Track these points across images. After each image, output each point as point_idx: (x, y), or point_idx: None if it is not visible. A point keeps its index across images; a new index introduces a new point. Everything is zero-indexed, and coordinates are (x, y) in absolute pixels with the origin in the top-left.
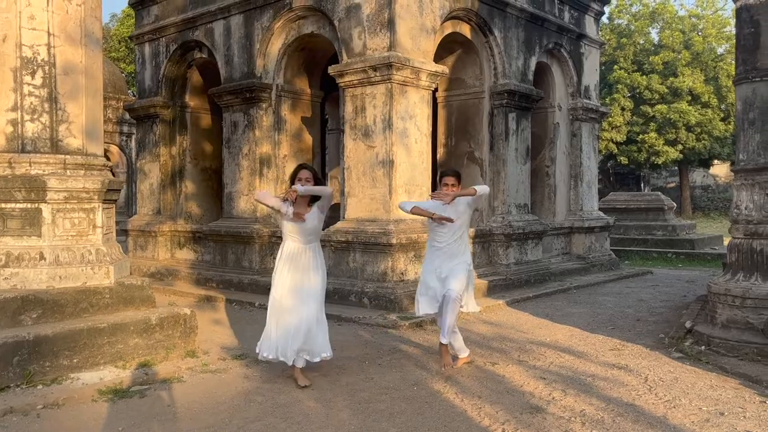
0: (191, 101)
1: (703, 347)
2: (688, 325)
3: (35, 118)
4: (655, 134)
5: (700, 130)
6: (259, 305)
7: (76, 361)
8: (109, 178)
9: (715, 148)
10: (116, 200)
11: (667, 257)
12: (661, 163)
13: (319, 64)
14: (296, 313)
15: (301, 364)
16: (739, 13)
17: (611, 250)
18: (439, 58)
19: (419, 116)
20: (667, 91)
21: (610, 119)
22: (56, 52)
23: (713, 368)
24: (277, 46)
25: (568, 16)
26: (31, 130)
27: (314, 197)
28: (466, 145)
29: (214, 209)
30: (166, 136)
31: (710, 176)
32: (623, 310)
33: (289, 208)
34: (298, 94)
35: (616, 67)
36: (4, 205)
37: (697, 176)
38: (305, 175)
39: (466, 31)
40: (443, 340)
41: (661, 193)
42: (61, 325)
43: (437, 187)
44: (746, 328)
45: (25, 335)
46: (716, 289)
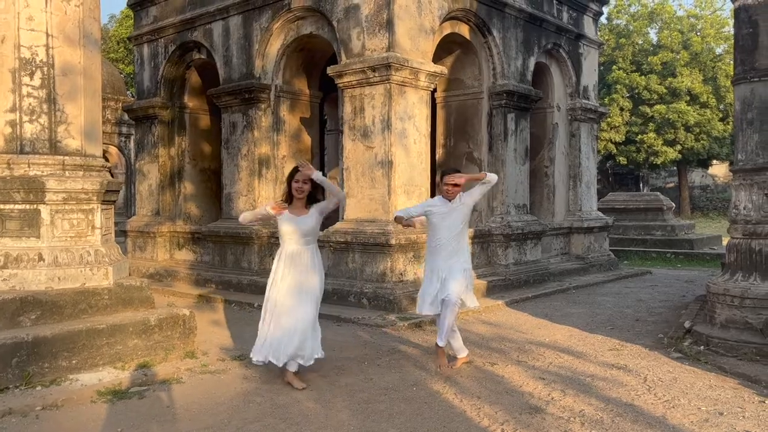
0: (190, 102)
1: (702, 347)
2: (687, 325)
3: (34, 119)
4: (653, 134)
5: (698, 130)
6: (258, 306)
7: (75, 362)
8: (107, 179)
9: (713, 148)
10: (115, 201)
11: (666, 257)
12: (659, 163)
13: (317, 64)
14: (293, 314)
15: (294, 368)
16: (737, 13)
17: (610, 250)
18: (437, 58)
19: (418, 117)
20: (665, 91)
21: (608, 119)
22: (55, 53)
23: (712, 368)
24: (275, 46)
25: (566, 16)
26: (29, 131)
27: (312, 199)
28: (465, 145)
29: (213, 210)
30: (164, 137)
31: (709, 176)
32: (622, 310)
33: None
34: (296, 94)
35: (614, 67)
36: (2, 206)
37: (695, 176)
38: (302, 176)
39: (464, 31)
40: (440, 342)
41: (659, 193)
42: (60, 326)
43: (436, 187)
44: (745, 328)
45: (23, 336)
46: (715, 289)
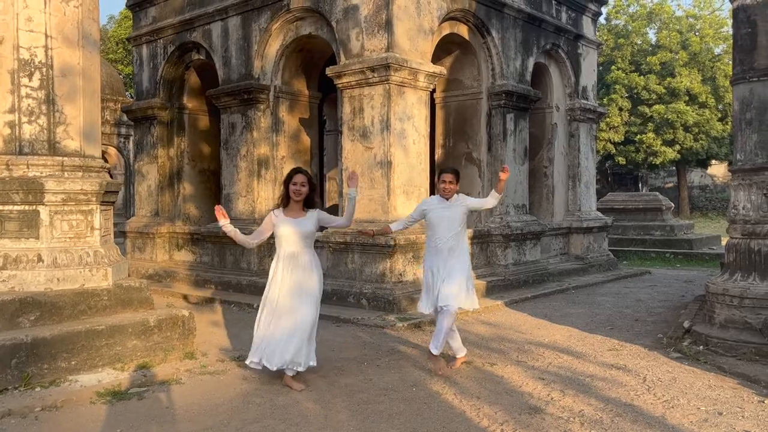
0: (189, 103)
1: (701, 347)
2: (686, 325)
3: (33, 120)
4: (652, 134)
5: (697, 130)
6: (257, 307)
7: (74, 363)
8: (106, 179)
9: (712, 148)
10: (114, 202)
11: (665, 257)
12: (658, 163)
13: (317, 65)
14: (294, 314)
15: (291, 372)
16: (736, 13)
17: (609, 250)
18: (436, 59)
19: (417, 117)
20: (664, 91)
21: (607, 119)
22: (54, 54)
23: (711, 368)
24: (274, 47)
25: (565, 16)
26: (28, 132)
27: (309, 203)
28: (464, 145)
29: (212, 210)
30: (164, 137)
31: (708, 176)
32: (621, 310)
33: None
34: (296, 95)
35: (613, 67)
36: (1, 207)
37: (695, 176)
38: (300, 179)
39: (463, 32)
40: (434, 351)
41: (659, 193)
42: (59, 327)
43: (435, 187)
44: (744, 327)
45: (23, 337)
46: (714, 289)
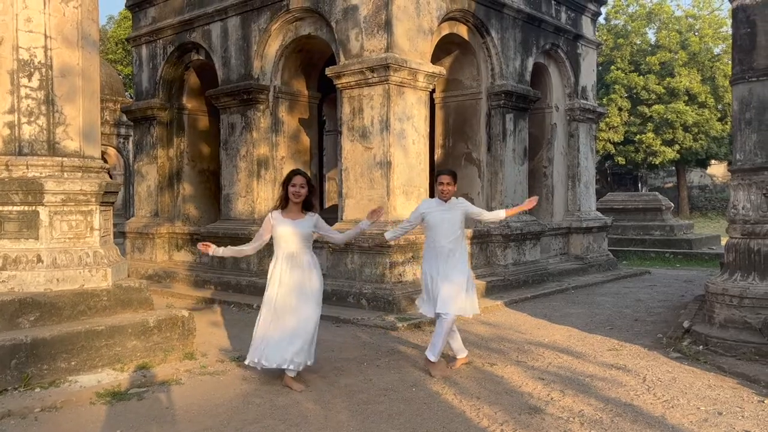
0: (188, 103)
1: (701, 347)
2: (686, 324)
3: (32, 120)
4: (652, 134)
5: (697, 130)
6: (257, 307)
7: (74, 363)
8: (106, 180)
9: (712, 148)
10: (114, 202)
11: (664, 257)
12: (658, 163)
13: (316, 65)
14: (297, 314)
15: (292, 373)
16: (735, 13)
17: (609, 250)
18: (436, 59)
19: (417, 117)
20: (664, 91)
21: (607, 119)
22: (53, 54)
23: (711, 368)
24: (274, 47)
25: (564, 16)
26: (28, 132)
27: (307, 204)
28: (463, 146)
29: (211, 211)
30: (163, 138)
31: (707, 176)
32: (621, 310)
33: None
34: (295, 95)
35: (613, 67)
36: (1, 207)
37: (694, 176)
38: (299, 181)
39: (463, 32)
40: (431, 357)
41: (658, 193)
42: (58, 327)
43: (435, 188)
44: (744, 327)
45: (22, 338)
46: (714, 288)
